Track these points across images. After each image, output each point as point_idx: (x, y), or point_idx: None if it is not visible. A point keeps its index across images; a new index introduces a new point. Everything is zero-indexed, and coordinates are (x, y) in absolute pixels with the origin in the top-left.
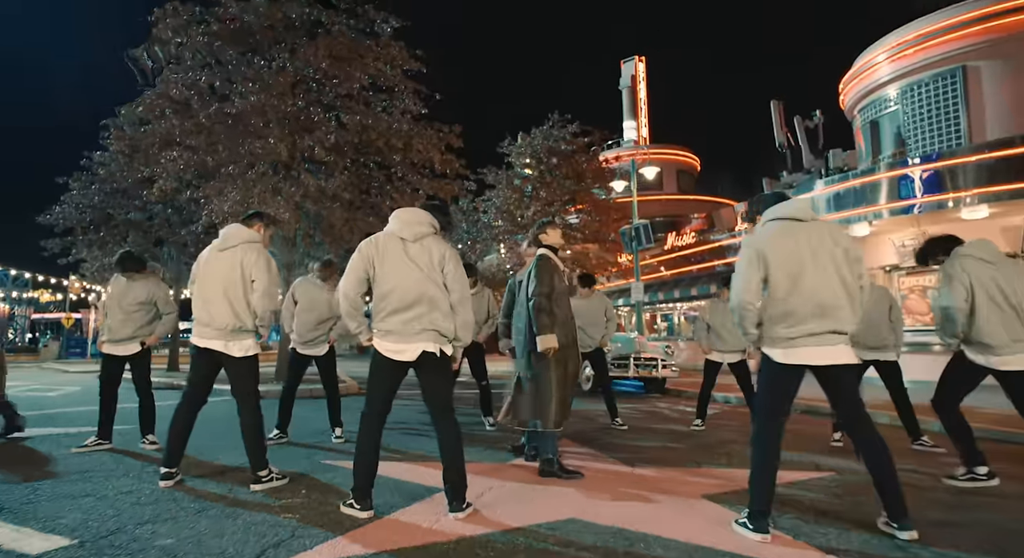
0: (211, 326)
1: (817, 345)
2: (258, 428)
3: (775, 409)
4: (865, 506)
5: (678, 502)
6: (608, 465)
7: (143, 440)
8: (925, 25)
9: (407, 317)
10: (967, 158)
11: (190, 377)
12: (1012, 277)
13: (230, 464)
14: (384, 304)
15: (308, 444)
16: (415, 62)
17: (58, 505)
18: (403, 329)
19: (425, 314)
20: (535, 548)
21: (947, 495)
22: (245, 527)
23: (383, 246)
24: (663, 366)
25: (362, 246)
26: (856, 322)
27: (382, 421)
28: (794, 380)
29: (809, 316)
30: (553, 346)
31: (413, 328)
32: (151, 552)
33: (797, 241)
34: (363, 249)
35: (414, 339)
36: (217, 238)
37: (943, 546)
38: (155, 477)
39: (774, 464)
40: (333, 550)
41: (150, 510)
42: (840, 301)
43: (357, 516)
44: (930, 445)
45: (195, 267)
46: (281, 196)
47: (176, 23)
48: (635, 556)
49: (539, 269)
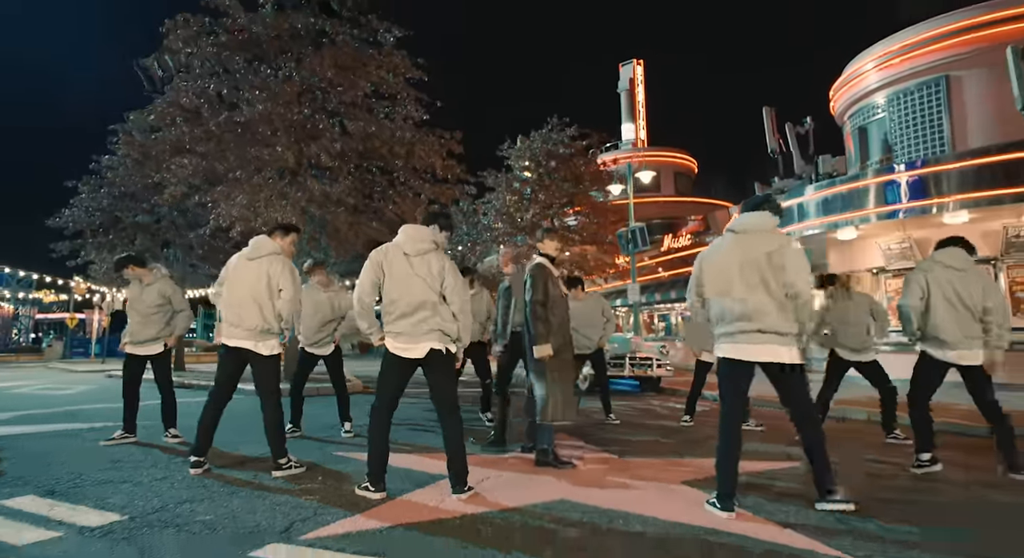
0: (240, 327)
1: (748, 343)
2: (279, 421)
3: (731, 402)
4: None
5: (660, 487)
6: (599, 455)
7: (166, 433)
8: (910, 35)
9: (415, 320)
10: (948, 166)
11: (217, 376)
12: (971, 282)
13: (251, 455)
14: (393, 308)
15: (320, 438)
16: (417, 71)
17: (102, 489)
18: (412, 330)
19: (430, 317)
20: (530, 524)
21: (904, 481)
22: (272, 506)
23: (391, 257)
24: (658, 365)
25: (373, 255)
26: (795, 325)
27: (391, 414)
28: (742, 376)
29: (737, 318)
30: (548, 354)
31: (421, 329)
32: (195, 525)
33: (731, 254)
34: (373, 257)
35: (422, 339)
36: (247, 247)
37: (887, 520)
38: (183, 466)
39: (736, 453)
40: (353, 524)
41: (186, 492)
42: (766, 308)
43: (371, 498)
44: (902, 438)
45: (224, 271)
46: (287, 200)
47: (187, 34)
48: (618, 531)
49: (533, 278)
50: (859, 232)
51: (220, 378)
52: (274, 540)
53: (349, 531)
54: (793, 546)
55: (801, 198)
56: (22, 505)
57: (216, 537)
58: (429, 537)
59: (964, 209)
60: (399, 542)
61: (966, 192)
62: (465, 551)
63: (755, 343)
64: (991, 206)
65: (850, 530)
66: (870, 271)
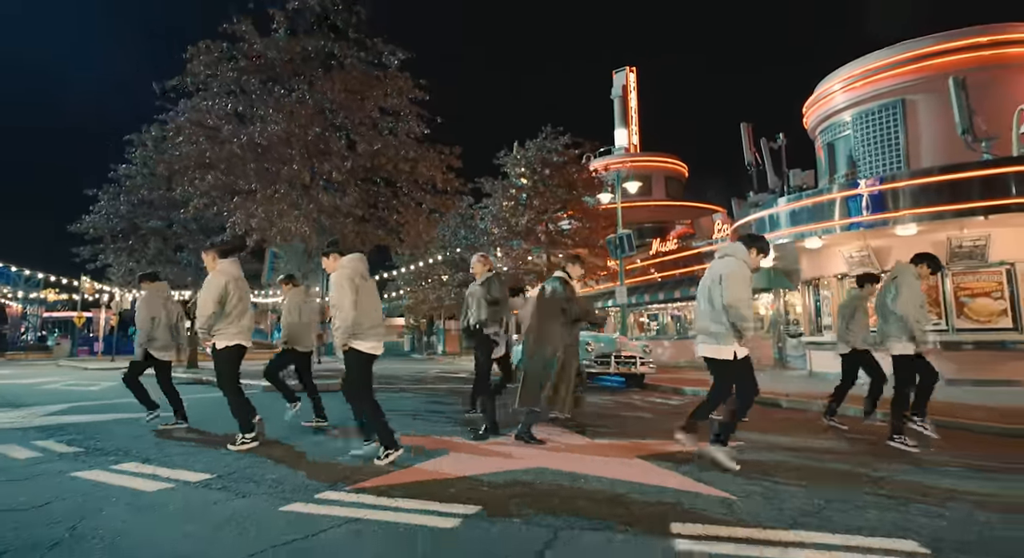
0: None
1: (695, 342)
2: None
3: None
4: (745, 459)
5: (619, 460)
6: (573, 438)
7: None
8: (872, 61)
9: (380, 331)
10: (901, 183)
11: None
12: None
13: (272, 436)
14: (367, 320)
15: (340, 425)
16: (419, 91)
17: (184, 459)
18: (380, 336)
19: (382, 326)
20: (515, 481)
21: (809, 453)
22: (317, 470)
23: (361, 279)
24: (641, 363)
25: (353, 276)
26: (715, 326)
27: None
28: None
29: (696, 322)
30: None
31: (380, 334)
32: (265, 481)
33: (707, 271)
34: (355, 279)
35: (382, 341)
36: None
37: (781, 476)
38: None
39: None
40: (379, 481)
41: (246, 461)
42: (704, 313)
43: (389, 460)
44: (837, 423)
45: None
46: (299, 211)
47: (208, 59)
48: (578, 487)
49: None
50: (824, 241)
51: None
52: (328, 489)
53: (378, 485)
54: (700, 492)
55: (773, 209)
56: (131, 469)
57: (285, 487)
58: (439, 487)
59: (913, 222)
60: (414, 489)
61: (915, 207)
62: (468, 494)
63: (697, 342)
64: (933, 221)
65: (749, 488)
66: (835, 276)
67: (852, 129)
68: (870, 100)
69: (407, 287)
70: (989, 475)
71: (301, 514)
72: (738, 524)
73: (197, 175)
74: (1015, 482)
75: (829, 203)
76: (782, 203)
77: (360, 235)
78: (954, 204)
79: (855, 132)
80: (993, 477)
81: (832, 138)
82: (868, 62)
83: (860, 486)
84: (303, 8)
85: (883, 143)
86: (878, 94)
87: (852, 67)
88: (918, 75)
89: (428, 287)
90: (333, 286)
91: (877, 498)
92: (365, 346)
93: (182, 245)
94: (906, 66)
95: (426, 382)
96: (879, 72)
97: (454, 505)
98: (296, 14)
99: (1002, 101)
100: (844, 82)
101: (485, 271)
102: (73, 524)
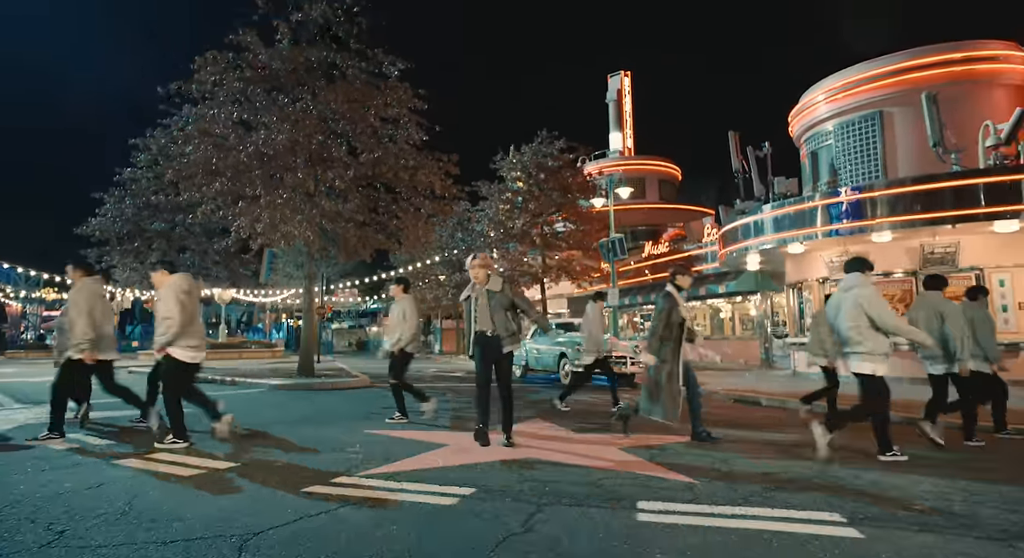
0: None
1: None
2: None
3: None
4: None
5: (601, 451)
6: (560, 432)
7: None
8: (853, 74)
9: (200, 343)
10: (877, 193)
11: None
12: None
13: (276, 434)
14: (188, 332)
15: (353, 420)
16: (419, 101)
17: (206, 449)
18: (200, 348)
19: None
20: (507, 468)
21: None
22: (329, 460)
23: (186, 295)
24: (631, 363)
25: (178, 292)
26: (864, 346)
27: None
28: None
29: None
30: (651, 359)
31: (201, 347)
32: (281, 468)
33: (833, 301)
34: (179, 295)
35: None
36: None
37: (744, 466)
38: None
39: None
40: (386, 469)
41: (263, 451)
42: (850, 338)
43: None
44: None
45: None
46: (302, 216)
47: (215, 70)
48: (561, 473)
49: (664, 301)
50: (805, 247)
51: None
52: (343, 475)
53: (386, 472)
54: (667, 478)
55: (758, 216)
56: (163, 457)
57: (303, 472)
58: (440, 473)
59: (888, 230)
60: (418, 475)
61: (890, 216)
62: (465, 479)
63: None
64: (904, 229)
65: (710, 471)
66: (817, 280)
67: (834, 139)
68: (851, 111)
69: None
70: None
71: (322, 494)
72: (694, 502)
73: (204, 182)
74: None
75: (810, 211)
76: (766, 210)
77: (361, 239)
78: (925, 213)
79: (836, 142)
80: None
81: (816, 147)
82: (849, 75)
83: (810, 476)
84: (306, 20)
85: (862, 153)
86: (858, 106)
87: (834, 79)
88: (895, 89)
89: (425, 287)
90: (161, 299)
91: (821, 484)
92: (185, 355)
93: (185, 247)
94: (884, 80)
95: (424, 381)
96: (859, 85)
97: (453, 487)
98: (299, 26)
99: (971, 115)
100: (827, 93)
101: (487, 273)
102: (128, 500)
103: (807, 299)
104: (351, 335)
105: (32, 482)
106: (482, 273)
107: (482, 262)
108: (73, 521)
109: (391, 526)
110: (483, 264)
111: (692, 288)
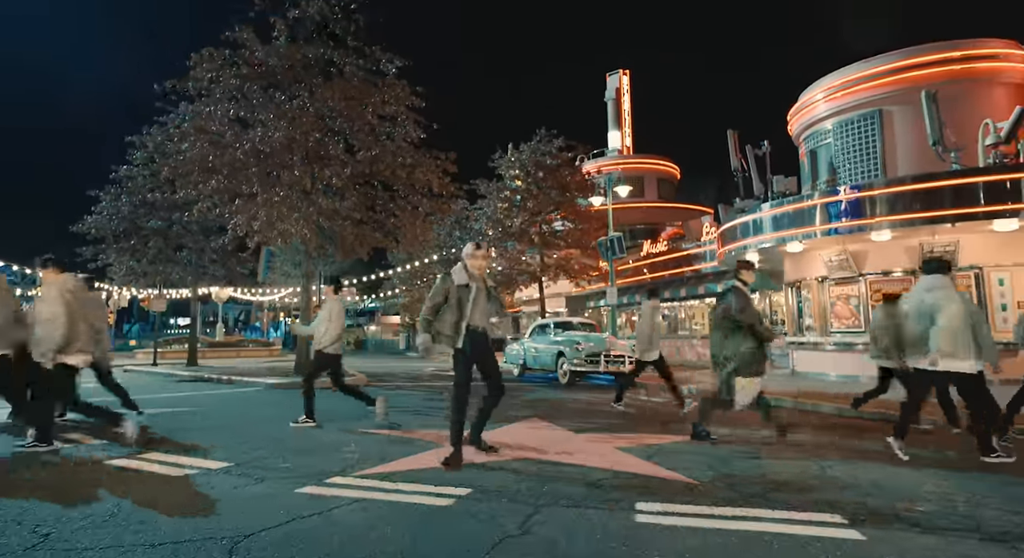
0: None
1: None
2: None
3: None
4: (691, 454)
5: (599, 451)
6: (558, 432)
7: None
8: (851, 72)
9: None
10: (876, 191)
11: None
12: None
13: (274, 434)
14: (73, 336)
15: (349, 419)
16: (417, 98)
17: (199, 450)
18: (87, 352)
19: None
20: (504, 468)
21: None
22: (324, 460)
23: (71, 295)
24: (630, 362)
25: (63, 293)
26: (961, 348)
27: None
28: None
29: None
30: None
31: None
32: (279, 469)
33: (921, 301)
34: (64, 295)
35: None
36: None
37: (745, 465)
38: (238, 438)
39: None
40: (382, 469)
41: (257, 453)
42: (944, 338)
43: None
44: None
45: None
46: (299, 213)
47: (211, 67)
48: (559, 473)
49: (737, 298)
50: (804, 245)
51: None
52: (337, 475)
53: (381, 472)
54: (667, 478)
55: (757, 214)
56: (156, 457)
57: (298, 473)
58: (436, 473)
59: (887, 228)
60: (414, 475)
61: (890, 214)
62: (462, 479)
63: None
64: (903, 228)
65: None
66: (816, 279)
67: (833, 137)
68: (850, 110)
69: (402, 286)
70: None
71: (315, 495)
72: (694, 503)
73: (200, 179)
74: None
75: (809, 209)
76: (765, 208)
77: (358, 237)
78: (925, 212)
79: (836, 140)
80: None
81: (815, 145)
82: (848, 73)
83: (810, 476)
84: (303, 16)
85: (862, 151)
86: (857, 104)
87: (833, 78)
88: (894, 87)
89: (423, 286)
90: (44, 300)
91: (822, 484)
92: (70, 359)
93: (182, 245)
94: (883, 78)
95: (422, 380)
96: (858, 83)
97: (448, 488)
98: (296, 22)
99: (970, 114)
100: (826, 92)
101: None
102: (116, 502)
103: (806, 298)
104: (349, 334)
105: (18, 483)
106: (484, 266)
107: (487, 254)
108: (60, 523)
109: (385, 527)
110: (488, 256)
111: (691, 287)
